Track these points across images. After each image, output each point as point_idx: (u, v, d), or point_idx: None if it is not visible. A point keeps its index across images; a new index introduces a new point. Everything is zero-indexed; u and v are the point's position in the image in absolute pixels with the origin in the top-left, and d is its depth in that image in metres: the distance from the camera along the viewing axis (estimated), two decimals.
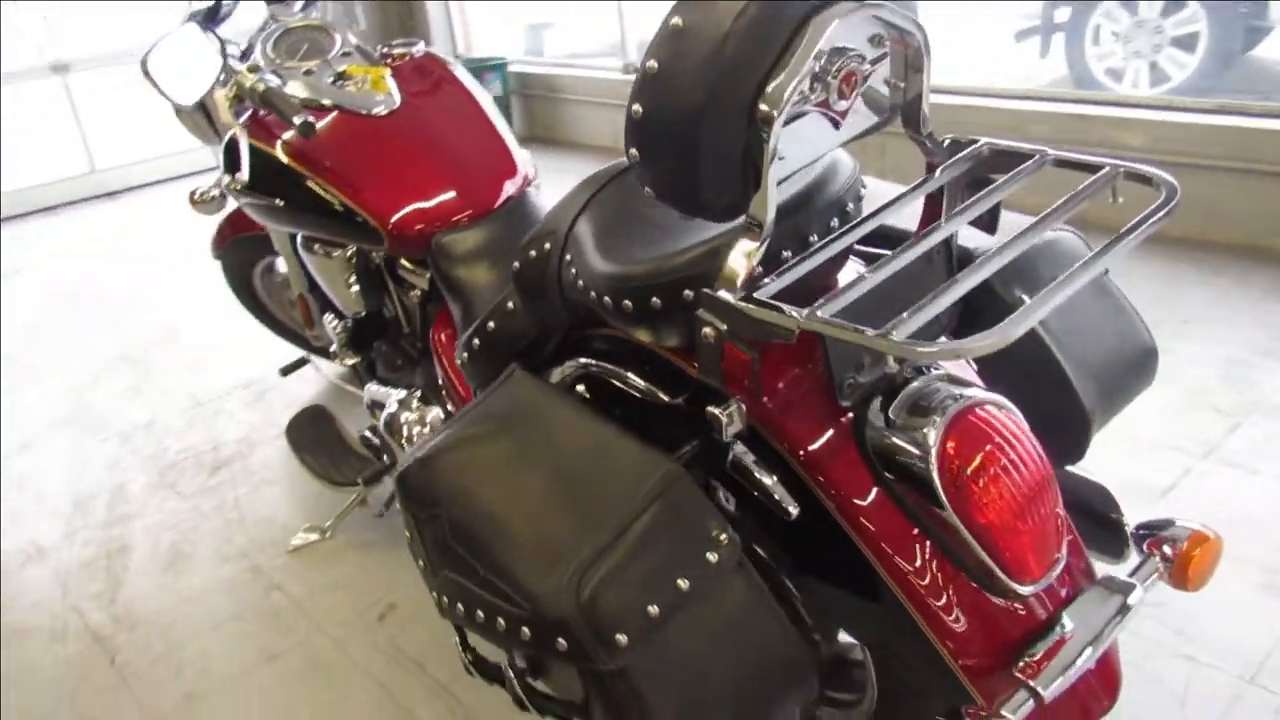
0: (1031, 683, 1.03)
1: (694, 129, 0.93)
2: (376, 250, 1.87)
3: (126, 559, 2.26)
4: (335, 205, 1.79)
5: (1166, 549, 1.15)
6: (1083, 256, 0.99)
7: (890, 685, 1.23)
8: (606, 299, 1.16)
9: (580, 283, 1.22)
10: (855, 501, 1.09)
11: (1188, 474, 2.13)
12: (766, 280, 1.00)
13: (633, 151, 1.00)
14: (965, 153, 1.12)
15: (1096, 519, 1.31)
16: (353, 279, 1.96)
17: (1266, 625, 1.71)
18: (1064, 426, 1.26)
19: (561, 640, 0.97)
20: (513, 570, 1.03)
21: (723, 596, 1.01)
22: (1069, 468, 1.38)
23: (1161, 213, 0.99)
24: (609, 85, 5.09)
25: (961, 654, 1.08)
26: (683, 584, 0.99)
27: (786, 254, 1.05)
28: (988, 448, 1.03)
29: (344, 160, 1.79)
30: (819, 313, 0.91)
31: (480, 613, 1.05)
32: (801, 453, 1.09)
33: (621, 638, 0.96)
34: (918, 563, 1.08)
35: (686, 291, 1.07)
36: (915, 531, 1.08)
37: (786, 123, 0.94)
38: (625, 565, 0.98)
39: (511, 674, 1.13)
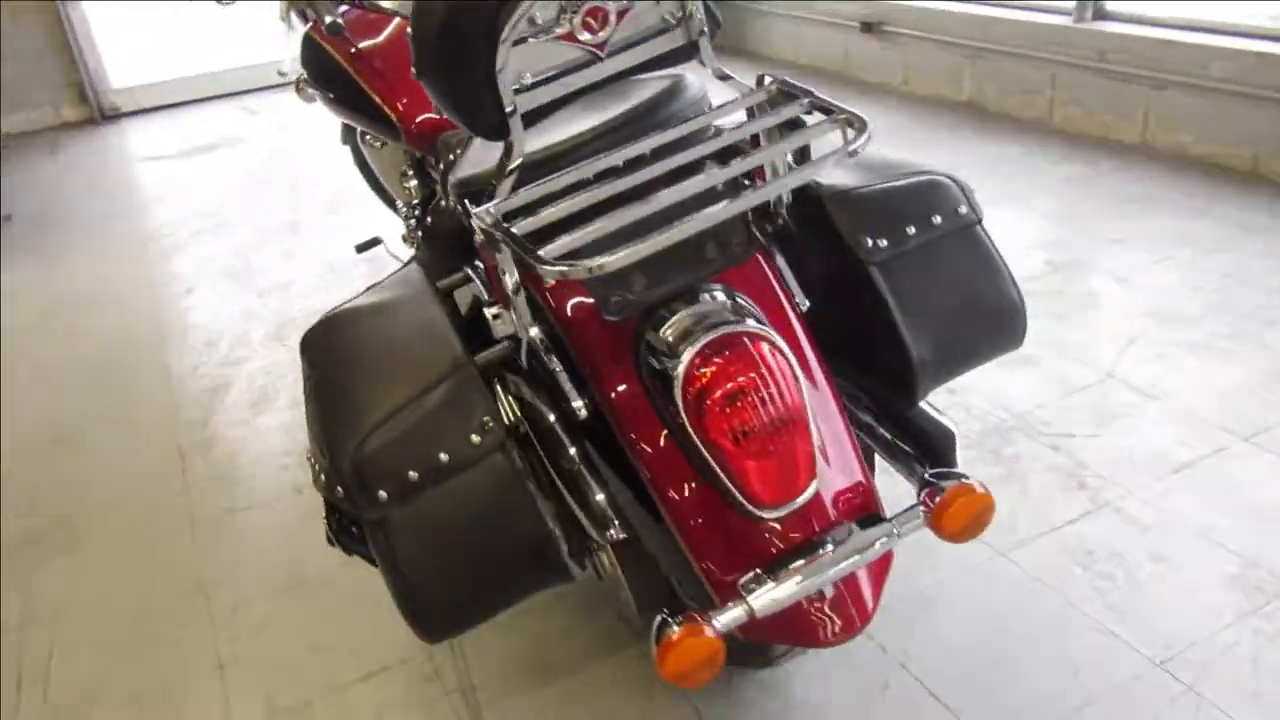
0: (746, 597, 1.09)
1: (445, 51, 1.02)
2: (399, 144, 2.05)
3: (225, 394, 2.65)
4: (370, 100, 1.98)
5: (934, 497, 1.15)
6: None
7: (655, 582, 1.31)
8: (451, 201, 1.28)
9: (448, 187, 1.35)
10: (625, 409, 1.17)
11: (1220, 453, 1.98)
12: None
13: (412, 71, 1.10)
14: (749, 95, 1.15)
15: (932, 460, 1.31)
16: (403, 170, 2.16)
17: (1210, 616, 1.61)
18: (893, 372, 1.27)
19: (340, 489, 1.13)
20: (330, 428, 1.20)
21: (479, 474, 1.13)
22: (925, 406, 1.37)
23: (856, 143, 1.01)
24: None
25: (703, 559, 1.16)
26: (443, 457, 1.12)
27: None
28: (740, 378, 1.07)
29: (374, 57, 1.97)
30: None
31: (312, 463, 1.23)
32: (584, 359, 1.18)
33: (382, 494, 1.11)
34: (673, 472, 1.15)
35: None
36: (674, 444, 1.15)
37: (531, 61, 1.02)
38: (397, 433, 1.13)
39: (326, 517, 1.31)
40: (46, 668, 1.81)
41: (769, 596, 1.09)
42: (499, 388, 1.26)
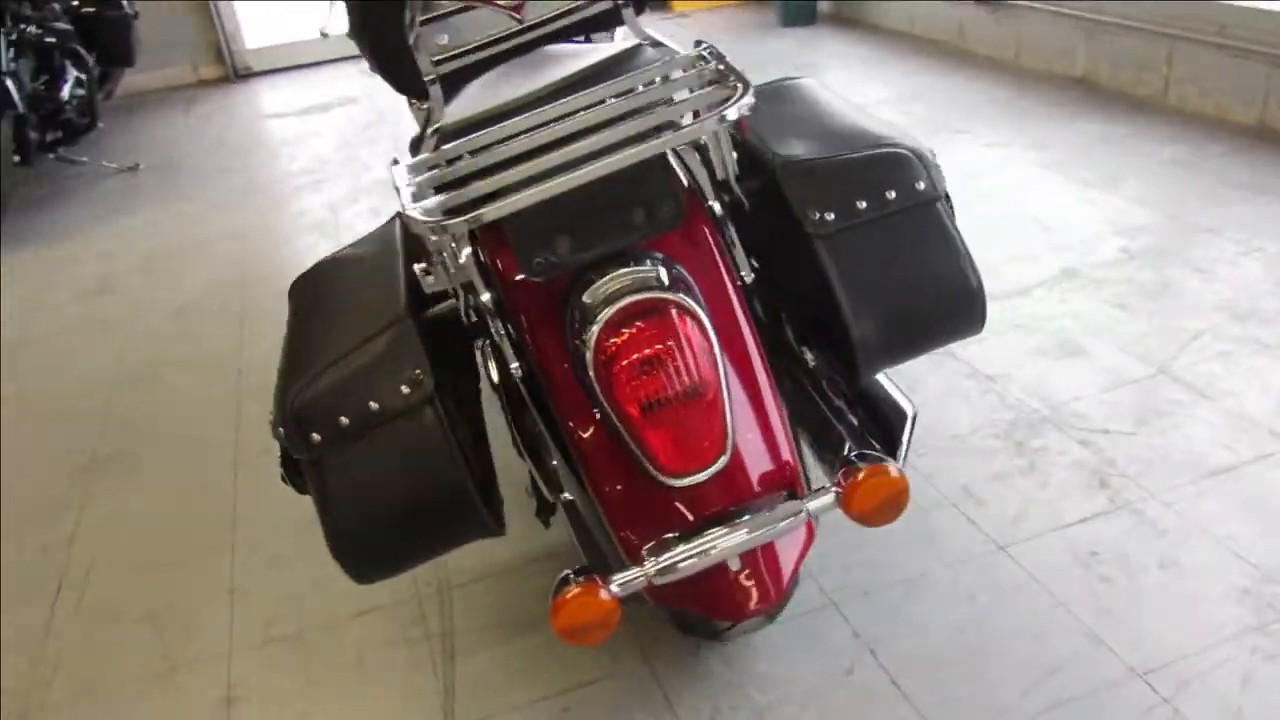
0: (646, 564, 1.10)
1: (364, 16, 1.05)
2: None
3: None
4: None
5: (849, 477, 1.12)
6: None
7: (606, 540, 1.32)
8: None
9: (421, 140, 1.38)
10: (552, 373, 1.19)
11: (1264, 459, 1.84)
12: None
13: (347, 34, 1.14)
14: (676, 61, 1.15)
15: (880, 438, 1.28)
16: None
17: (1208, 630, 1.51)
18: (838, 348, 1.24)
19: (281, 429, 1.19)
20: (284, 372, 1.26)
21: (405, 425, 1.17)
22: (885, 382, 1.34)
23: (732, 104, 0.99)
24: None
25: (617, 524, 1.17)
26: (373, 405, 1.16)
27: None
28: (649, 347, 1.07)
29: None
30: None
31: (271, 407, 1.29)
32: (517, 320, 1.20)
33: (316, 436, 1.16)
34: (591, 437, 1.16)
35: None
36: (592, 409, 1.16)
37: (453, 14, 1.03)
38: (334, 379, 1.18)
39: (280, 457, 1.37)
40: (84, 581, 1.97)
41: (667, 564, 1.09)
42: (478, 347, 1.29)
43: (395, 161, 1.18)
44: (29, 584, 1.98)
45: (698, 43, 1.20)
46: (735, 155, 1.23)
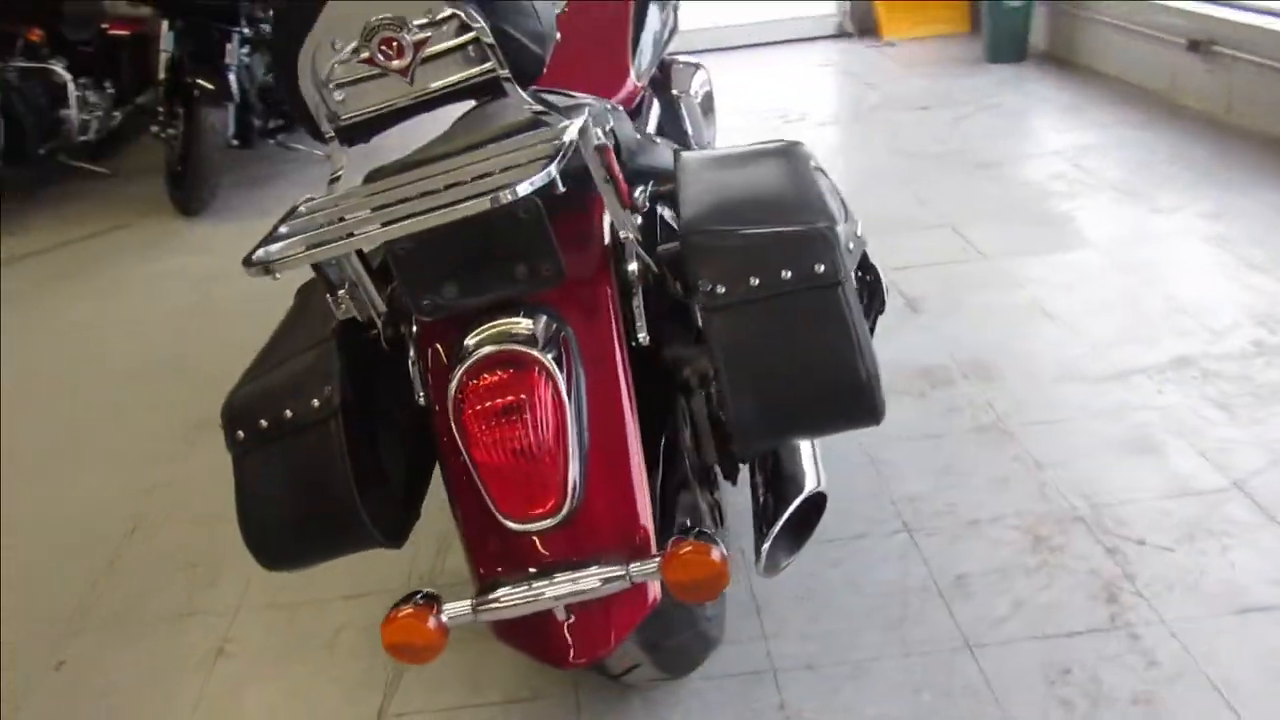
0: (475, 601, 1.15)
1: (279, 69, 1.17)
2: None
3: None
4: None
5: (675, 548, 1.11)
6: None
7: None
8: None
9: None
10: (436, 401, 1.26)
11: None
12: None
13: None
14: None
15: (769, 509, 1.27)
16: None
17: None
18: (724, 419, 1.23)
19: (221, 423, 1.34)
20: (247, 369, 1.41)
21: (309, 436, 1.26)
22: (805, 457, 1.32)
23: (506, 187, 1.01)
24: (1150, 10, 4.40)
25: (471, 555, 1.22)
26: (288, 414, 1.27)
27: None
28: (497, 398, 1.11)
29: None
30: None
31: None
32: (419, 352, 1.28)
33: (240, 433, 1.29)
34: (456, 468, 1.22)
35: None
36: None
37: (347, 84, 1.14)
38: (264, 384, 1.30)
39: None
40: (158, 524, 2.24)
41: (490, 603, 1.14)
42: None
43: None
44: (116, 521, 2.27)
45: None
46: (639, 220, 1.25)
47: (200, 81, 4.01)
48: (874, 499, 2.00)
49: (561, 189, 1.07)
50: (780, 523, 1.27)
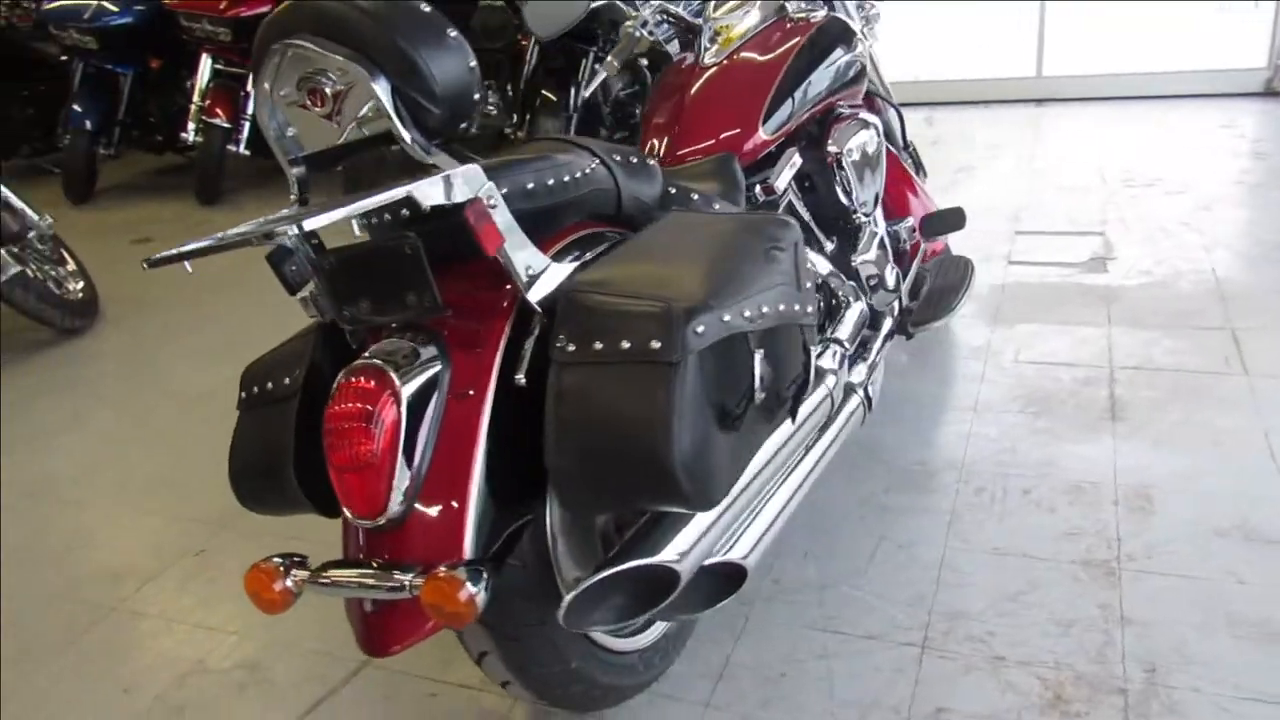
0: (312, 574, 1.32)
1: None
2: None
3: None
4: None
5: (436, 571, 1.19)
6: None
7: None
8: None
9: None
10: None
11: None
12: None
13: None
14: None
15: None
16: None
17: None
18: None
19: None
20: None
21: (271, 410, 1.45)
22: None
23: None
24: None
25: (343, 531, 1.40)
26: (269, 386, 1.52)
27: None
28: (344, 405, 1.27)
29: (656, 89, 2.23)
30: None
31: None
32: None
33: (242, 394, 1.57)
34: None
35: None
36: None
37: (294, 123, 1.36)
38: (265, 359, 1.57)
39: None
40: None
41: (319, 581, 1.31)
42: None
43: None
44: None
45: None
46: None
47: (544, 93, 4.52)
48: (915, 603, 1.85)
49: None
50: (594, 579, 1.29)
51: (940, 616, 1.81)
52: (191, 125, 5.12)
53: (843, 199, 2.20)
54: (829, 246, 2.18)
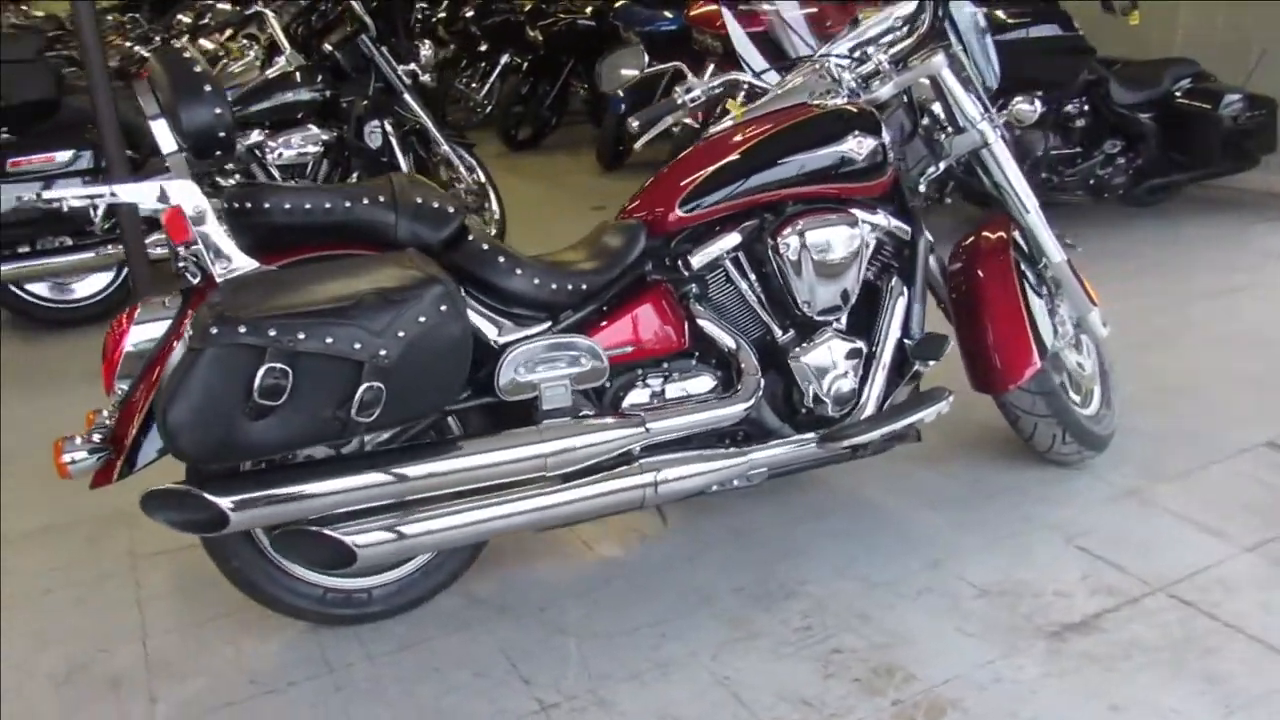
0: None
1: None
2: None
3: None
4: None
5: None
6: None
7: None
8: None
9: None
10: None
11: None
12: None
13: None
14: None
15: None
16: None
17: None
18: None
19: None
20: None
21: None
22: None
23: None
24: None
25: None
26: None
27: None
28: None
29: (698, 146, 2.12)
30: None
31: None
32: None
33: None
34: None
35: None
36: None
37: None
38: None
39: None
40: None
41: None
42: None
43: None
44: None
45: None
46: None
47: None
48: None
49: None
50: (171, 485, 1.60)
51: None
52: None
53: (785, 292, 1.99)
54: (777, 332, 2.03)
